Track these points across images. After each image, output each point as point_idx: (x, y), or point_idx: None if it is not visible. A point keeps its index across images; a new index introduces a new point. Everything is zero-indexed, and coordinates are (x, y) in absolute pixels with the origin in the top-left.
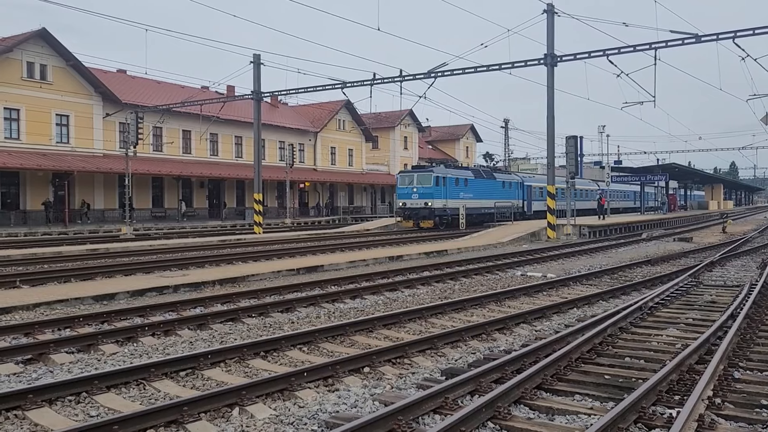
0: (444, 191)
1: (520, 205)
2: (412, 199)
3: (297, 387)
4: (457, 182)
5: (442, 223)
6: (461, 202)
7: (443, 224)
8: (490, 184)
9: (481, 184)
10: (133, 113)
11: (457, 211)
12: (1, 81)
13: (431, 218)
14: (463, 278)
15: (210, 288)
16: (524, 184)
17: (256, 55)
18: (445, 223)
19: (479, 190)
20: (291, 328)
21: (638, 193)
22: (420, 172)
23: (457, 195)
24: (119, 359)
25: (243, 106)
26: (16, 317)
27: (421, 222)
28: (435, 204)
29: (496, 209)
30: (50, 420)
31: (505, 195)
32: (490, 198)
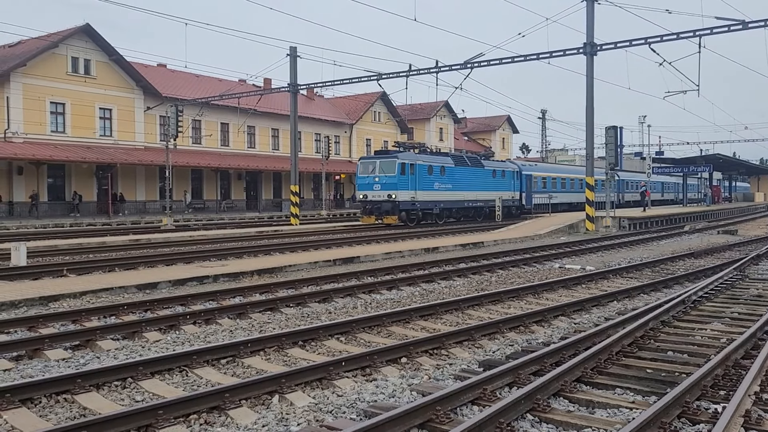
0: (412, 181)
1: (517, 197)
2: (374, 191)
3: (335, 376)
4: (430, 170)
5: (411, 219)
6: (436, 194)
7: (412, 220)
8: (477, 173)
9: (465, 173)
10: (173, 106)
11: (431, 204)
12: (48, 76)
13: (395, 213)
14: (499, 270)
15: (248, 278)
16: (522, 174)
17: (292, 47)
18: (414, 219)
19: (462, 180)
20: (328, 318)
21: (680, 184)
22: (383, 158)
23: (431, 185)
24: (162, 346)
25: (279, 98)
26: (64, 305)
27: (384, 217)
28: (400, 196)
29: (485, 202)
30: (98, 404)
31: (497, 185)
32: (477, 189)
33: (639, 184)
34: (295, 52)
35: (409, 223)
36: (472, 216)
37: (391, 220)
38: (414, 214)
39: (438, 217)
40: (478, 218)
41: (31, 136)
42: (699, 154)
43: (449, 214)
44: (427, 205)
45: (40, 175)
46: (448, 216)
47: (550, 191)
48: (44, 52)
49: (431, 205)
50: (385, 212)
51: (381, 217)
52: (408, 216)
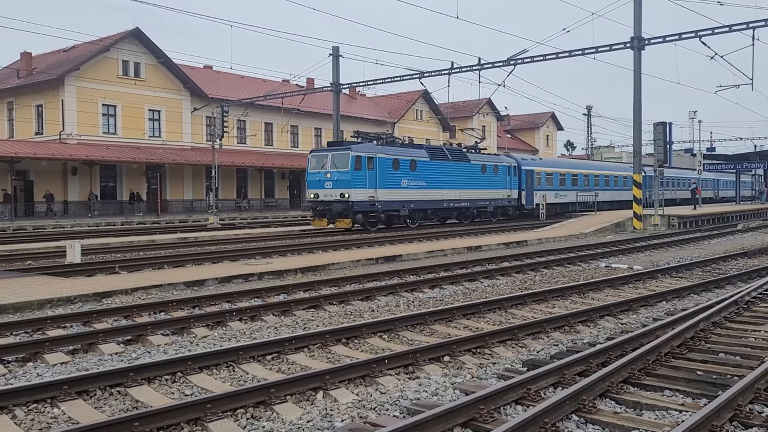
0: (370, 177)
1: (515, 195)
2: (326, 189)
3: (378, 373)
4: (395, 165)
5: (371, 223)
6: (404, 193)
7: (372, 223)
8: (460, 169)
9: (444, 168)
10: (218, 107)
11: (397, 205)
12: (100, 79)
13: (348, 215)
14: (543, 269)
15: (292, 276)
16: (522, 169)
17: (334, 47)
18: (374, 222)
19: (439, 177)
20: (371, 316)
21: (733, 181)
22: (335, 151)
23: (396, 183)
24: (210, 342)
25: (322, 98)
26: (116, 301)
27: (336, 221)
28: (355, 196)
29: (471, 202)
30: (149, 397)
31: (487, 183)
32: (461, 187)
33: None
34: (337, 52)
35: (369, 228)
36: (457, 218)
37: (345, 223)
38: (374, 217)
39: (409, 220)
40: (464, 221)
41: (84, 138)
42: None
43: (423, 216)
44: (391, 206)
45: (93, 175)
46: (422, 218)
47: (559, 189)
48: (96, 56)
49: (397, 205)
50: (337, 214)
51: (333, 219)
52: (366, 219)
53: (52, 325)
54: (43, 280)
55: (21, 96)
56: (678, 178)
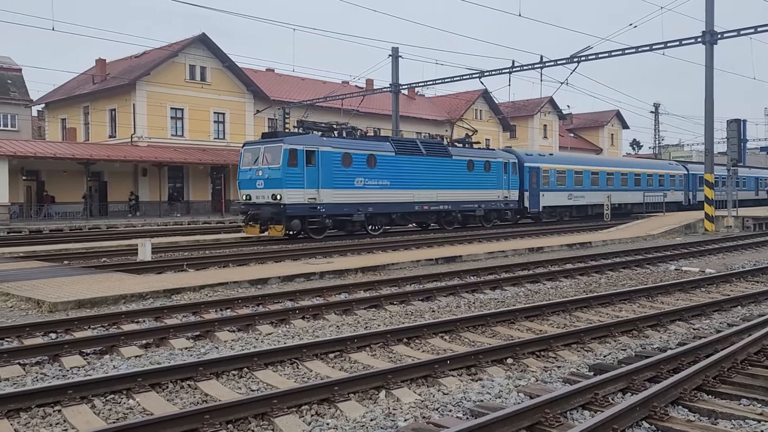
0: (310, 175)
1: (514, 197)
2: (257, 189)
3: (440, 374)
4: (346, 160)
5: (314, 230)
6: (358, 193)
7: (316, 230)
8: (438, 165)
9: (415, 164)
10: (280, 109)
11: (349, 208)
12: (168, 83)
13: (281, 221)
14: (609, 271)
15: (353, 275)
16: (524, 166)
17: (394, 48)
18: (318, 228)
19: (408, 175)
20: (432, 316)
21: None
22: (267, 144)
23: (347, 181)
24: (274, 339)
25: (381, 98)
26: (185, 297)
27: (268, 227)
28: (288, 197)
29: (453, 205)
30: (217, 391)
31: (476, 182)
32: (438, 187)
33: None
34: (396, 53)
35: (312, 235)
36: (437, 223)
37: (276, 231)
38: (317, 222)
39: (369, 225)
40: (447, 227)
41: (153, 140)
42: None
43: (387, 221)
44: (339, 209)
45: (162, 176)
46: (386, 223)
47: (574, 189)
48: (165, 61)
49: (349, 209)
50: (268, 219)
51: (265, 226)
52: (305, 225)
53: (126, 319)
54: (117, 277)
55: (96, 101)
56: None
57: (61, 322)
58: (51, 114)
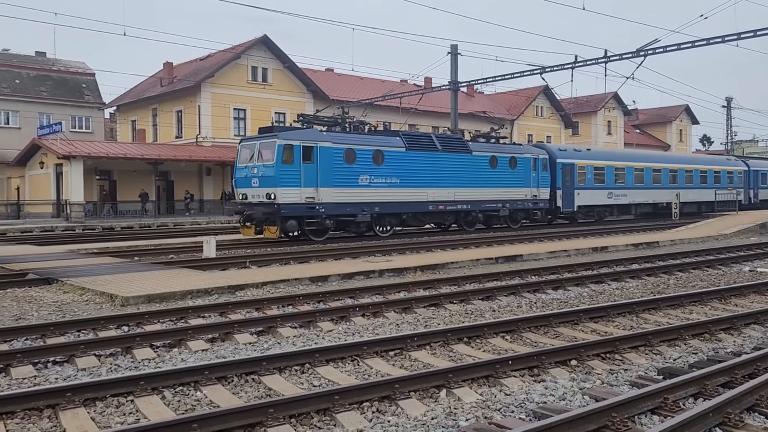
0: (308, 173)
1: (544, 195)
2: (253, 188)
3: (502, 374)
4: (349, 156)
5: (314, 231)
6: (363, 192)
7: (316, 232)
8: (455, 162)
9: (428, 161)
10: (339, 108)
11: (352, 208)
12: (231, 84)
13: (275, 222)
14: (678, 272)
15: (412, 274)
16: (557, 162)
17: (453, 45)
18: (318, 230)
19: (421, 172)
20: (492, 315)
21: None
22: (263, 139)
23: (351, 179)
24: (335, 336)
25: (440, 96)
26: (248, 293)
27: (264, 229)
28: (283, 196)
29: (474, 204)
30: (280, 385)
31: (500, 180)
32: (456, 185)
33: None
34: (455, 50)
35: (312, 237)
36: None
37: (271, 233)
38: (316, 224)
39: (377, 227)
40: (468, 228)
41: (217, 140)
42: None
43: (398, 221)
44: (342, 209)
45: (225, 175)
46: (396, 224)
47: (615, 188)
48: (229, 63)
49: (353, 208)
50: (262, 221)
51: (260, 227)
52: (303, 226)
53: (192, 314)
54: (184, 273)
55: (163, 102)
56: None
57: (132, 315)
58: (122, 116)
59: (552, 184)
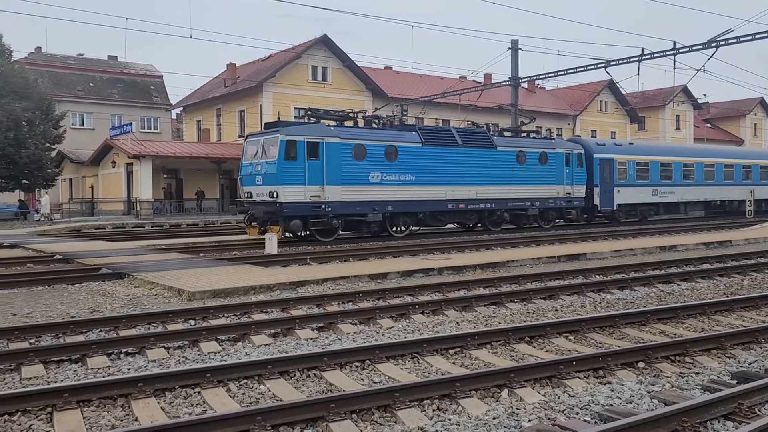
0: (313, 170)
1: (579, 193)
2: (257, 186)
3: (565, 375)
4: (359, 152)
5: (321, 231)
6: (374, 190)
7: (324, 232)
8: (477, 158)
9: (447, 157)
10: (398, 106)
11: (362, 206)
12: (292, 84)
13: (277, 221)
14: (753, 272)
15: (471, 272)
16: (594, 157)
17: (513, 40)
18: (325, 230)
19: (439, 169)
20: (555, 315)
21: None
22: (266, 135)
23: (360, 176)
24: (394, 333)
25: (499, 93)
26: (309, 290)
27: (267, 229)
28: (285, 195)
29: (499, 203)
30: (341, 381)
31: (528, 177)
32: (479, 182)
33: None
34: (516, 45)
35: (319, 237)
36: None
37: (275, 231)
38: (322, 223)
39: (392, 226)
40: (493, 228)
41: None
42: None
43: (414, 221)
44: (350, 208)
45: None
46: (412, 224)
47: (660, 184)
48: (290, 63)
49: (363, 207)
50: (265, 220)
51: (264, 226)
52: (308, 225)
53: (255, 309)
54: (247, 269)
55: (227, 103)
56: None
57: (198, 309)
58: (188, 116)
59: (588, 180)
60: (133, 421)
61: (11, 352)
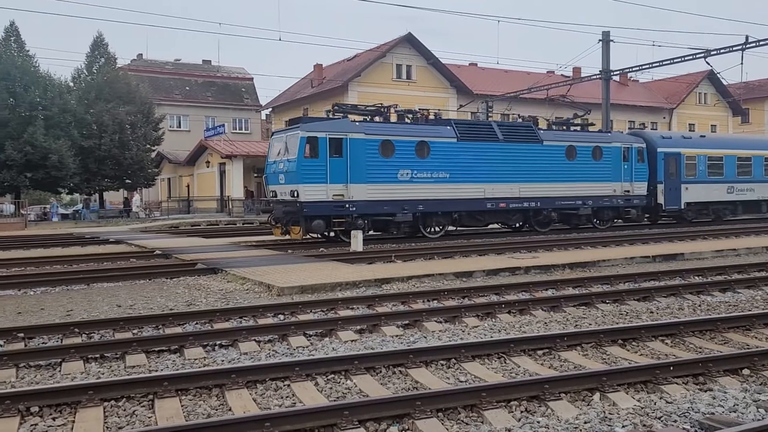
0: (335, 168)
1: (641, 191)
2: (280, 185)
3: (662, 381)
4: (386, 149)
5: (346, 232)
6: (403, 188)
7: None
8: (520, 153)
9: (486, 152)
10: (483, 103)
11: (389, 207)
12: (377, 83)
13: (298, 221)
14: None
15: (560, 271)
16: (657, 152)
17: (604, 32)
18: (343, 230)
19: (477, 165)
20: (650, 317)
21: None
22: (289, 132)
23: (388, 174)
24: (480, 332)
25: (589, 87)
26: (394, 287)
27: (290, 228)
28: (306, 194)
29: (545, 201)
30: (427, 379)
31: (578, 174)
32: (522, 179)
33: None
34: (607, 37)
35: (344, 238)
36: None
37: (295, 233)
38: (346, 224)
39: (426, 227)
40: (540, 228)
41: None
42: None
43: (447, 221)
44: (377, 207)
45: None
46: (447, 224)
47: (736, 180)
48: (374, 62)
49: (392, 207)
50: (289, 220)
51: (286, 226)
52: (331, 225)
53: (342, 305)
54: (333, 266)
55: (313, 103)
56: None
57: (287, 305)
58: (276, 117)
59: (651, 177)
60: (227, 411)
61: (117, 342)
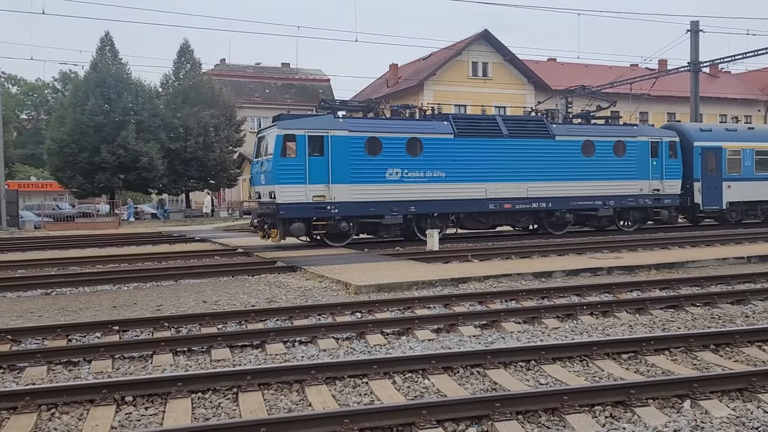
0: (316, 167)
1: (673, 189)
2: (262, 186)
3: (759, 389)
4: (373, 147)
5: (331, 235)
6: (391, 189)
7: (334, 236)
8: (527, 149)
9: (488, 149)
10: (562, 98)
11: (375, 208)
12: (452, 81)
13: (274, 224)
14: None
15: (645, 272)
16: (693, 147)
17: (693, 22)
18: (333, 234)
19: (478, 164)
20: (745, 322)
21: None
22: (269, 130)
23: (375, 174)
24: (561, 334)
25: (676, 80)
26: (470, 287)
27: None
28: (283, 195)
29: (558, 202)
30: (505, 380)
31: (597, 171)
32: (531, 178)
33: None
34: (696, 27)
35: (329, 242)
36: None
37: (273, 237)
38: (328, 226)
39: (416, 229)
40: (555, 231)
41: None
42: None
43: (444, 223)
44: (363, 209)
45: None
46: (446, 226)
47: None
48: (450, 60)
49: (379, 208)
50: (268, 224)
51: (266, 228)
52: (311, 228)
53: (418, 304)
54: (409, 265)
55: (389, 102)
56: None
57: (364, 303)
58: None
59: (685, 174)
60: (307, 406)
61: (203, 336)
